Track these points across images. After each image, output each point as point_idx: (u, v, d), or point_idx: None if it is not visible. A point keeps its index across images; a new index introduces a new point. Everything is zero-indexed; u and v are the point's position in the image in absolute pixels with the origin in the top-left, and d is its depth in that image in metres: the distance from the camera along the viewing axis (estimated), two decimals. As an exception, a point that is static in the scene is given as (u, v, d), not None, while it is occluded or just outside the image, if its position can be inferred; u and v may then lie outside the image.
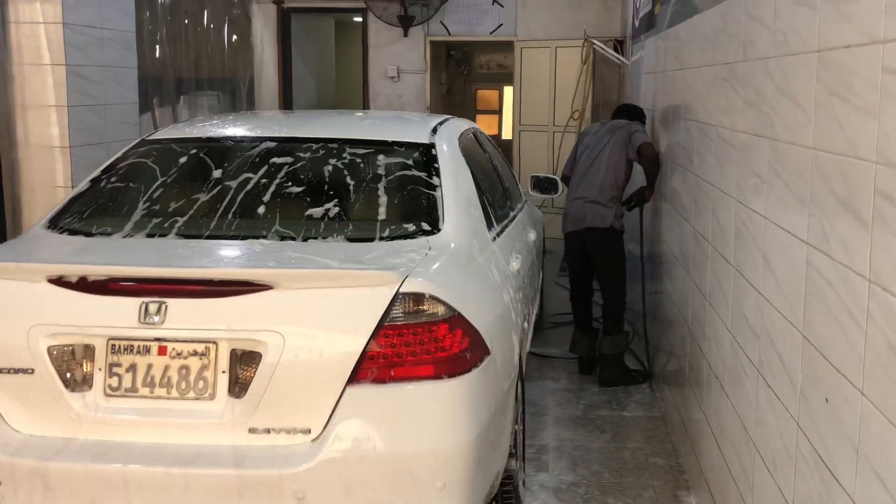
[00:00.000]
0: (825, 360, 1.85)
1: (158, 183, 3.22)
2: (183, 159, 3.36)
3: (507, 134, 11.36)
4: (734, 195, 2.83)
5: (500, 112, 12.65)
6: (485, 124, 10.25)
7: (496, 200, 3.82)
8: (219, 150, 3.44)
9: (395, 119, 4.26)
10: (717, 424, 3.05)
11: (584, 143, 5.02)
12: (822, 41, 1.92)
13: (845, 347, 1.74)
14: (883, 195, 1.56)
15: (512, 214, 4.09)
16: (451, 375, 2.49)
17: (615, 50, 7.63)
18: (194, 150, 3.42)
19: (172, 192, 3.19)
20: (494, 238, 3.37)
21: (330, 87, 11.08)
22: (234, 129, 3.64)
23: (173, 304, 2.48)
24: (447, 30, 8.87)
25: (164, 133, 3.63)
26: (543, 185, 5.28)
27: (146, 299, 2.48)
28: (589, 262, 4.89)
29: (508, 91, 11.86)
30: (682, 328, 3.83)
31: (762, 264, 2.44)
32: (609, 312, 4.86)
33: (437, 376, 2.47)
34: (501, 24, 8.71)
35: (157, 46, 6.87)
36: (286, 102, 9.34)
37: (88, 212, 3.10)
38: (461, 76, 12.44)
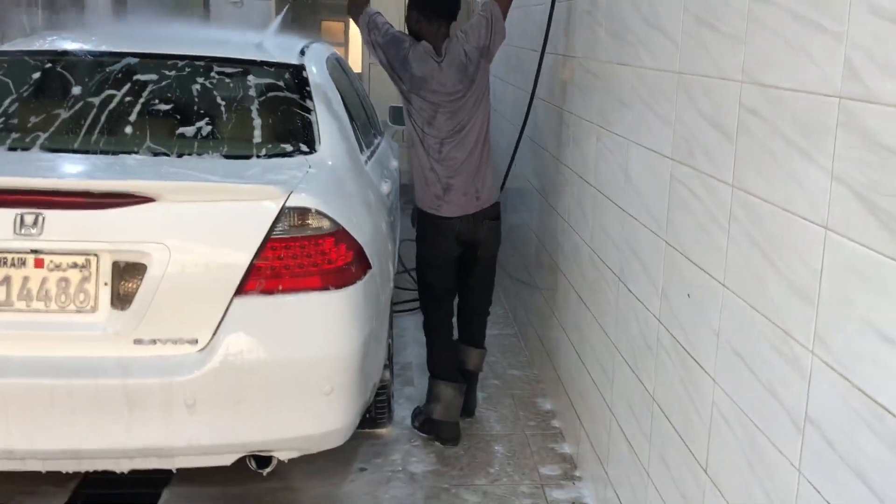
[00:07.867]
0: (688, 261, 2.09)
1: (14, 97, 3.06)
2: (38, 74, 3.20)
3: (354, 67, 11.27)
4: (595, 122, 3.04)
5: (346, 44, 12.52)
6: (332, 57, 10.09)
7: (362, 126, 3.88)
8: (78, 64, 3.29)
9: (261, 38, 4.19)
10: (575, 334, 3.31)
11: (430, 90, 3.35)
12: (692, -27, 2.11)
13: (708, 247, 1.97)
14: (747, 109, 1.77)
15: (377, 142, 4.17)
16: (338, 287, 2.58)
17: (466, -14, 7.73)
18: (50, 64, 3.26)
19: (30, 106, 3.05)
20: (366, 161, 3.44)
21: (168, 11, 10.56)
22: (93, 43, 3.48)
23: (51, 215, 2.41)
24: (295, -43, 8.65)
25: (14, 45, 3.43)
26: (401, 116, 5.36)
27: (21, 210, 2.39)
28: (462, 265, 3.50)
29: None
30: (541, 252, 4.07)
31: (624, 182, 2.66)
32: (484, 321, 3.73)
33: (324, 287, 2.55)
34: (351, -46, 8.59)
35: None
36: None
37: (-62, 124, 2.91)
38: (306, 7, 12.21)
